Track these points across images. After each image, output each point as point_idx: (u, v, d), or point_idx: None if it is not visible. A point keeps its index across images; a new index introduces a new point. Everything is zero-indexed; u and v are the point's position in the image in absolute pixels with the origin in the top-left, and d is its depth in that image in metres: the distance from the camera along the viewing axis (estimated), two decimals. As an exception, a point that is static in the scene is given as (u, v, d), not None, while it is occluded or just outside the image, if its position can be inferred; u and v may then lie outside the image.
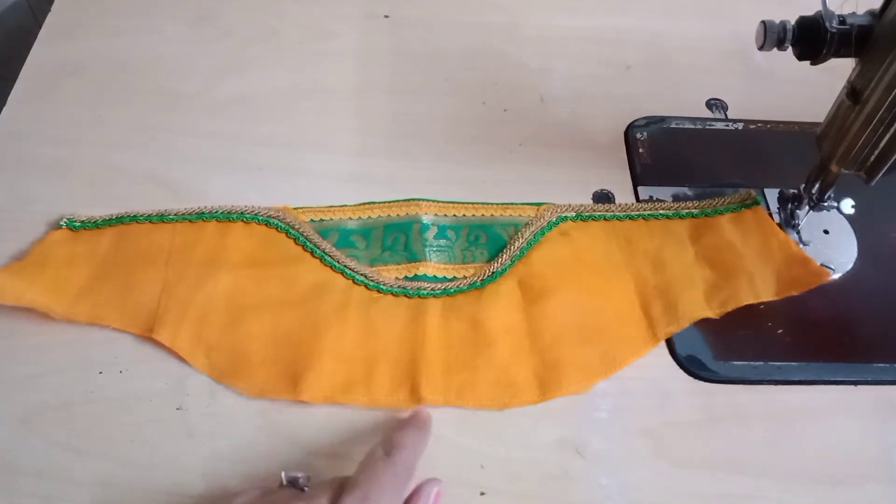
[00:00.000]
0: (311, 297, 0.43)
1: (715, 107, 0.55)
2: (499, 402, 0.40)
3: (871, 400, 0.41)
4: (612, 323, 0.43)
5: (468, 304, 0.43)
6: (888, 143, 0.38)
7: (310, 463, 0.38)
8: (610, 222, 0.48)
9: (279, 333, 0.42)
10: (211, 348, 0.41)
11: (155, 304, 0.42)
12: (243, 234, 0.46)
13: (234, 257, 0.45)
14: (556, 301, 0.43)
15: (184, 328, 0.41)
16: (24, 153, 0.50)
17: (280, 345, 0.41)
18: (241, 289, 0.43)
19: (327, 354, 0.41)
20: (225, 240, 0.45)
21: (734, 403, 0.41)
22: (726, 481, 0.38)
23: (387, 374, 0.40)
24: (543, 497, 0.37)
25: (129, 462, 0.38)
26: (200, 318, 0.42)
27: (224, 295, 0.43)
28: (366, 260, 0.46)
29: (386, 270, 0.45)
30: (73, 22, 0.58)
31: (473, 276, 0.45)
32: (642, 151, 0.51)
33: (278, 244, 0.46)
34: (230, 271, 0.44)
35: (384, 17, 0.60)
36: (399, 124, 0.53)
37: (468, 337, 0.42)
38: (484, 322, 0.42)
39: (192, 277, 0.43)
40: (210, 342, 0.41)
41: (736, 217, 0.47)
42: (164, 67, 0.55)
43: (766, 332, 0.43)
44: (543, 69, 0.57)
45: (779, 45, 0.38)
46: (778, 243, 0.45)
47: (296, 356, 0.41)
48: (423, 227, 0.47)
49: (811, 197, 0.45)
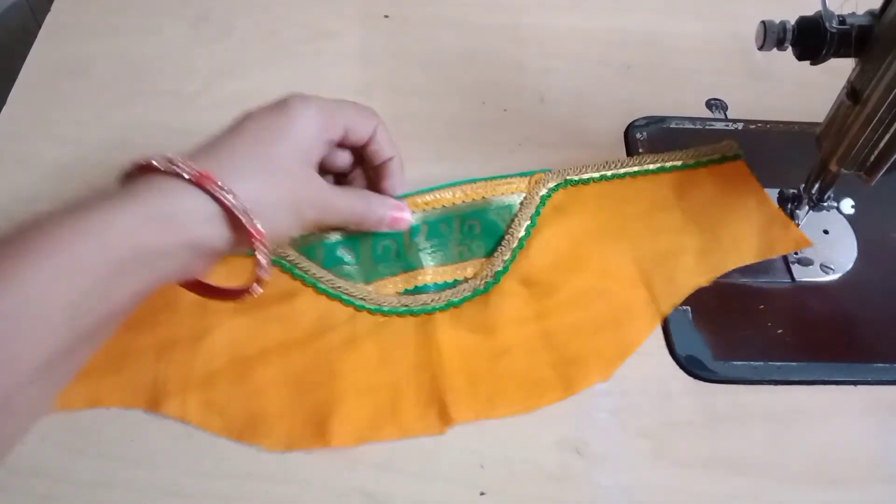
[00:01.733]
0: (315, 333, 0.41)
1: (715, 107, 0.55)
2: (527, 405, 0.40)
3: (871, 400, 0.41)
4: (621, 306, 0.43)
5: (477, 313, 0.43)
6: (888, 143, 0.38)
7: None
8: (599, 184, 0.47)
9: (292, 379, 0.40)
10: (224, 410, 0.39)
11: (152, 374, 0.39)
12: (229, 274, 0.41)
13: (223, 304, 0.40)
14: (563, 294, 0.43)
15: (191, 396, 0.39)
16: (24, 153, 0.50)
17: (296, 391, 0.39)
18: (240, 339, 0.41)
19: (348, 392, 0.39)
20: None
21: (734, 403, 0.41)
22: (726, 481, 0.38)
23: (412, 401, 0.39)
24: (543, 497, 0.37)
25: (129, 462, 0.38)
26: (206, 381, 0.39)
27: (224, 349, 0.40)
28: (360, 277, 0.44)
29: (384, 286, 0.43)
30: (73, 22, 0.58)
31: (476, 278, 0.44)
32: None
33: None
34: (224, 322, 0.41)
35: (384, 17, 0.60)
36: (399, 124, 0.52)
37: (484, 346, 0.41)
38: (496, 328, 0.42)
39: (185, 337, 0.41)
40: (221, 404, 0.39)
41: (717, 170, 0.47)
42: (164, 67, 0.55)
43: (766, 332, 0.43)
44: (543, 69, 0.57)
45: (779, 45, 0.38)
46: (757, 201, 0.45)
47: (315, 401, 0.39)
48: (414, 231, 0.45)
49: (811, 197, 0.45)
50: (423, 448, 0.38)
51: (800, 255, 0.46)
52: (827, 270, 0.46)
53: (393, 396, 0.39)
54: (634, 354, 0.42)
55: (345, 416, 0.38)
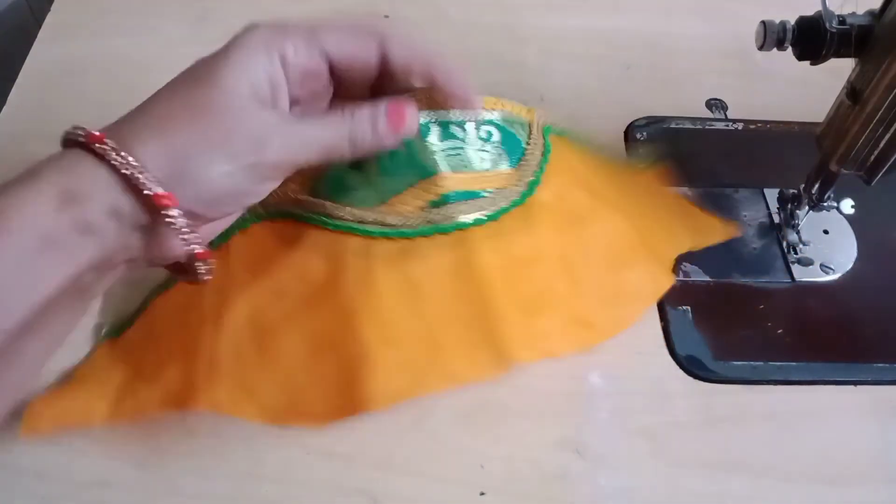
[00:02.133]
0: (329, 279, 0.35)
1: (715, 107, 0.55)
2: (583, 342, 0.36)
3: (871, 400, 0.41)
4: (647, 240, 0.41)
5: (519, 229, 0.36)
6: (888, 143, 0.38)
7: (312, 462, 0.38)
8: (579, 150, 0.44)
9: (314, 341, 0.34)
10: (256, 393, 0.34)
11: (180, 373, 0.35)
12: (242, 243, 0.37)
13: (241, 276, 0.36)
14: (598, 220, 0.39)
15: (221, 384, 0.34)
16: (24, 153, 0.49)
17: (320, 354, 0.34)
18: (260, 307, 0.35)
19: (377, 346, 0.34)
20: (228, 262, 0.37)
21: (734, 403, 0.41)
22: (726, 481, 0.38)
23: (457, 343, 0.34)
24: (543, 497, 0.37)
25: (129, 462, 0.38)
26: (233, 363, 0.34)
27: (246, 322, 0.35)
28: (373, 199, 0.35)
29: (401, 202, 0.35)
30: (73, 22, 0.58)
31: (507, 188, 0.37)
32: (642, 151, 0.51)
33: (276, 234, 0.37)
34: (243, 291, 0.36)
35: (384, 18, 0.60)
36: (399, 124, 0.53)
37: (534, 271, 0.36)
38: (544, 249, 0.36)
39: (208, 319, 0.36)
40: (252, 385, 0.34)
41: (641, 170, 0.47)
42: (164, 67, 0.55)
43: (766, 332, 0.43)
44: (543, 69, 0.57)
45: (779, 45, 0.38)
46: (676, 199, 0.46)
47: (344, 364, 0.34)
48: (424, 131, 0.36)
49: (811, 197, 0.45)
50: (423, 448, 0.38)
51: (800, 254, 0.46)
52: (827, 270, 0.46)
53: (431, 340, 0.34)
54: (634, 354, 0.42)
55: (379, 373, 0.33)
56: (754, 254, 0.47)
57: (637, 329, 0.43)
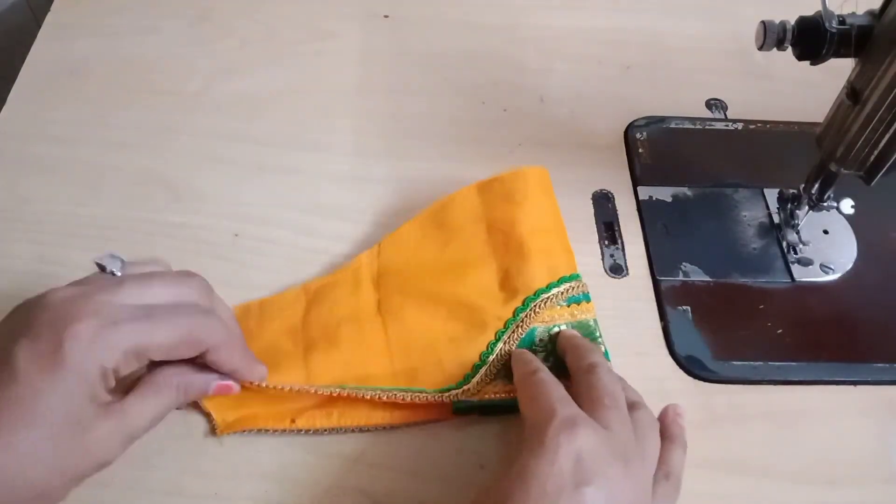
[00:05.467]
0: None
1: (715, 107, 0.55)
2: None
3: (871, 400, 0.41)
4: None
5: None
6: (888, 143, 0.38)
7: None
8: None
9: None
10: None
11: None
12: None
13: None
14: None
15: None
16: (24, 153, 0.50)
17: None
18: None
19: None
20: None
21: (734, 403, 0.41)
22: (726, 481, 0.38)
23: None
24: (543, 497, 0.37)
25: (129, 462, 0.37)
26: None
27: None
28: None
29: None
30: (73, 22, 0.58)
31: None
32: (642, 151, 0.51)
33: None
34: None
35: (384, 17, 0.60)
36: (399, 124, 0.53)
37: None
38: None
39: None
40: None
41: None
42: (164, 67, 0.55)
43: (766, 332, 0.43)
44: (543, 69, 0.57)
45: (779, 45, 0.38)
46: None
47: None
48: None
49: (811, 197, 0.45)
50: (423, 448, 0.38)
51: (800, 254, 0.46)
52: (827, 270, 0.46)
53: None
54: (634, 355, 0.42)
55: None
56: (754, 254, 0.47)
57: (637, 329, 0.43)
